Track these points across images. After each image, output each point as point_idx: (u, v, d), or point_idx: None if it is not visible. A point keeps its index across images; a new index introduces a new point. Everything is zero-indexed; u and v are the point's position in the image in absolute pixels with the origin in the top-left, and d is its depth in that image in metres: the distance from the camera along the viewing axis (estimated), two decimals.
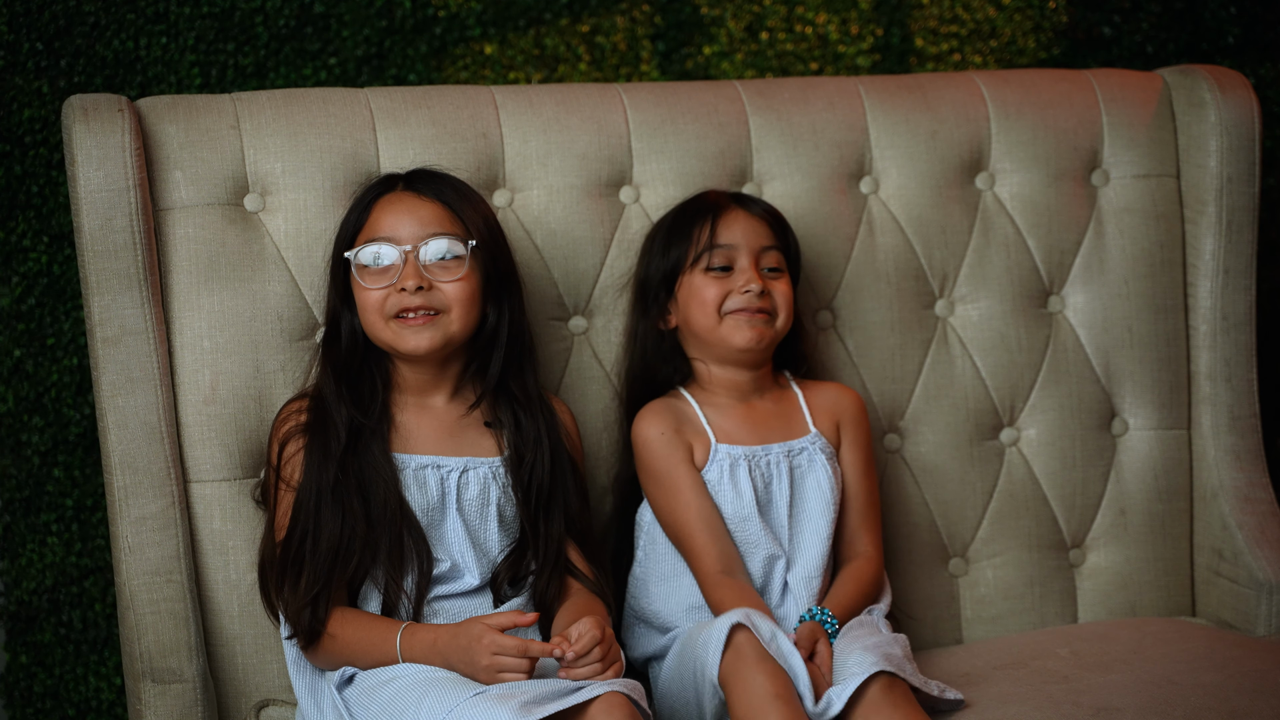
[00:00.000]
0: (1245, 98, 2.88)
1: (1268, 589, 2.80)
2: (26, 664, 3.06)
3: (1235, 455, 2.89)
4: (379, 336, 2.47)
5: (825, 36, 3.25)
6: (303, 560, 2.40)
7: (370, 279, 2.46)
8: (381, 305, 2.45)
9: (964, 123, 2.87)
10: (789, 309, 2.60)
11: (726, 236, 2.59)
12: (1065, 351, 2.88)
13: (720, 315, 2.57)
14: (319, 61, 3.07)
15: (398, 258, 2.45)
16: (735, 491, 2.56)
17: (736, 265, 2.58)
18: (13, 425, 3.01)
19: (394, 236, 2.45)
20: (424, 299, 2.44)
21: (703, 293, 2.58)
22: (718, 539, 2.54)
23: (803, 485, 2.59)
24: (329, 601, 2.39)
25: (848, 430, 2.64)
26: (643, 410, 2.61)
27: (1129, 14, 3.32)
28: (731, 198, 2.65)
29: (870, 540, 2.63)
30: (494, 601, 2.47)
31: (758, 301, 2.56)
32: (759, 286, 2.56)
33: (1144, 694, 2.44)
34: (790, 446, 2.60)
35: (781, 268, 2.60)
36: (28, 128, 2.96)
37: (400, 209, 2.47)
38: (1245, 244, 2.90)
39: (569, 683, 2.24)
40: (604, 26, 3.18)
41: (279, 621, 2.46)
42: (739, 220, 2.60)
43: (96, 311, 2.52)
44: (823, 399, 2.65)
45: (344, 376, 2.48)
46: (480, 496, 2.48)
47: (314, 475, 2.43)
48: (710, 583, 2.52)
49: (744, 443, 2.59)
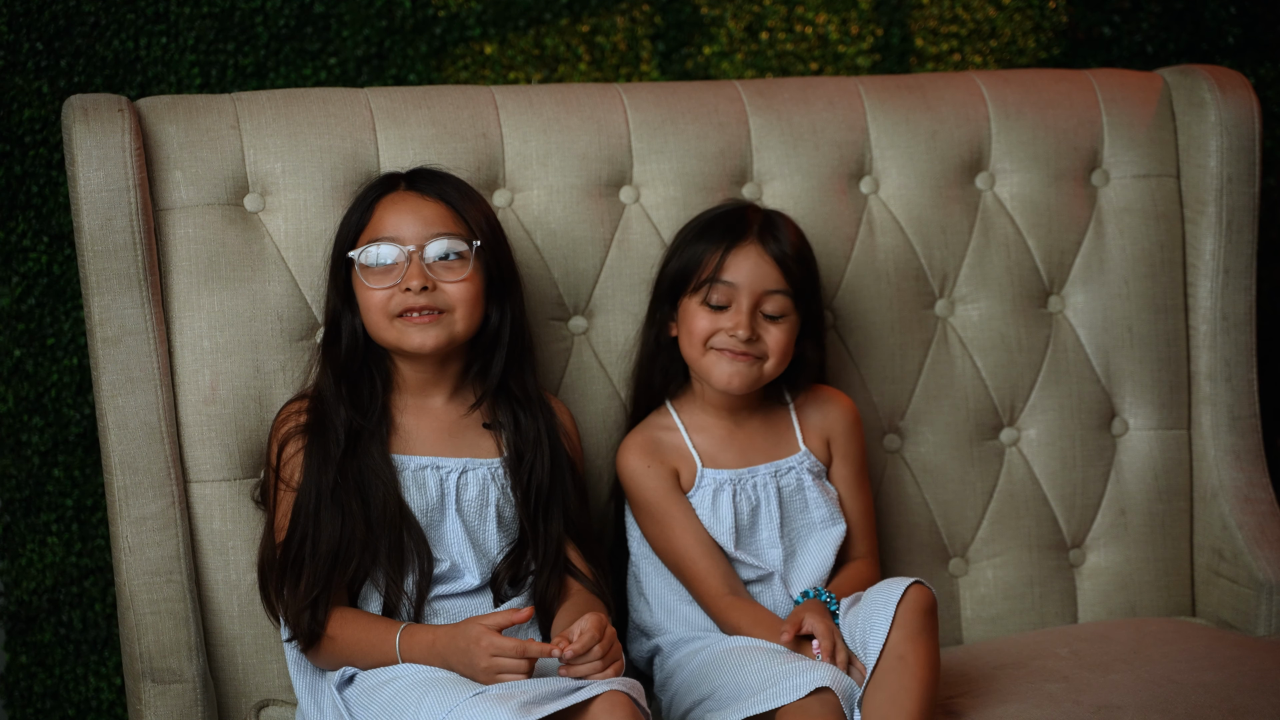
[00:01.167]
0: (1245, 98, 2.88)
1: (1268, 589, 2.80)
2: (26, 664, 3.06)
3: (1235, 455, 2.89)
4: (382, 336, 2.47)
5: (825, 36, 3.25)
6: (302, 563, 2.40)
7: (374, 279, 2.45)
8: (385, 305, 2.45)
9: (964, 123, 2.87)
10: (780, 356, 2.54)
11: (731, 274, 2.53)
12: (1065, 351, 2.88)
13: (705, 347, 2.54)
14: (319, 61, 3.07)
15: (401, 257, 2.44)
16: (715, 518, 2.55)
17: (734, 304, 2.52)
18: (13, 425, 3.01)
19: (397, 236, 2.45)
20: (428, 299, 2.44)
21: (693, 322, 2.54)
22: (718, 561, 2.53)
23: (793, 504, 2.58)
24: (328, 604, 2.39)
25: (838, 445, 2.62)
26: (624, 442, 2.60)
27: (1129, 14, 3.32)
28: (758, 226, 2.56)
29: (867, 548, 2.62)
30: (494, 601, 2.47)
31: (742, 347, 2.51)
32: (746, 334, 2.50)
33: (1144, 693, 2.44)
34: (778, 466, 2.59)
35: (784, 313, 2.53)
36: (28, 128, 2.96)
37: (403, 208, 2.47)
38: (1245, 244, 2.90)
39: (569, 682, 2.24)
40: (604, 26, 3.18)
41: (279, 623, 2.46)
42: (749, 259, 2.53)
43: (96, 311, 2.52)
44: (815, 414, 2.63)
45: (344, 377, 2.48)
46: (479, 497, 2.48)
47: (313, 477, 2.42)
48: (720, 605, 2.51)
49: (730, 465, 2.58)
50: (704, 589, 2.53)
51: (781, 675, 2.32)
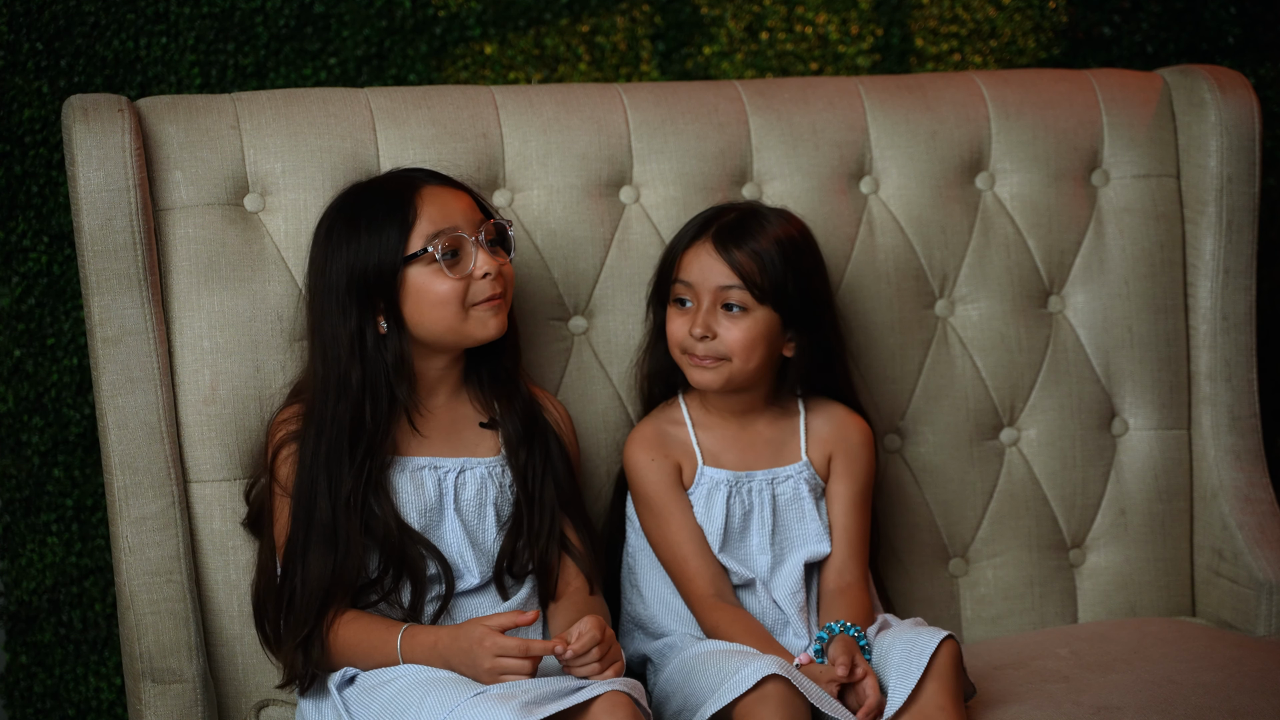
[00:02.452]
0: (1245, 98, 2.88)
1: (1268, 589, 2.80)
2: (26, 664, 3.06)
3: (1235, 455, 2.89)
4: (454, 328, 2.44)
5: (825, 36, 3.25)
6: (293, 602, 2.39)
7: (451, 270, 2.42)
8: (462, 296, 2.43)
9: (964, 123, 2.87)
10: (746, 351, 2.52)
11: (686, 273, 2.55)
12: (1065, 351, 2.88)
13: (681, 351, 2.55)
14: (319, 61, 3.07)
15: (469, 245, 2.43)
16: (707, 517, 2.56)
17: (694, 302, 2.54)
18: (13, 425, 3.01)
19: (457, 225, 2.43)
20: (500, 283, 2.45)
21: (669, 325, 2.57)
22: (709, 562, 2.54)
23: (787, 513, 2.58)
24: (323, 643, 2.39)
25: (840, 462, 2.61)
26: (632, 434, 2.61)
27: (1129, 14, 3.32)
28: (718, 225, 2.56)
29: (858, 573, 2.58)
30: (497, 594, 2.47)
31: (700, 349, 2.52)
32: (700, 331, 2.51)
33: (1144, 693, 2.44)
34: (775, 474, 2.59)
35: (746, 306, 2.51)
36: (28, 128, 2.96)
37: (447, 198, 2.45)
38: (1245, 244, 2.90)
39: (570, 682, 2.24)
40: (604, 26, 3.18)
41: (276, 653, 2.46)
42: (699, 258, 2.54)
43: (96, 311, 2.52)
44: (824, 425, 2.62)
45: (364, 402, 2.43)
46: (477, 496, 2.48)
47: (302, 517, 2.41)
48: (705, 606, 2.52)
49: (730, 467, 2.58)
50: (692, 588, 2.53)
51: (729, 671, 2.33)
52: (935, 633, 2.38)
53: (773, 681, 2.30)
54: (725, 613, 2.51)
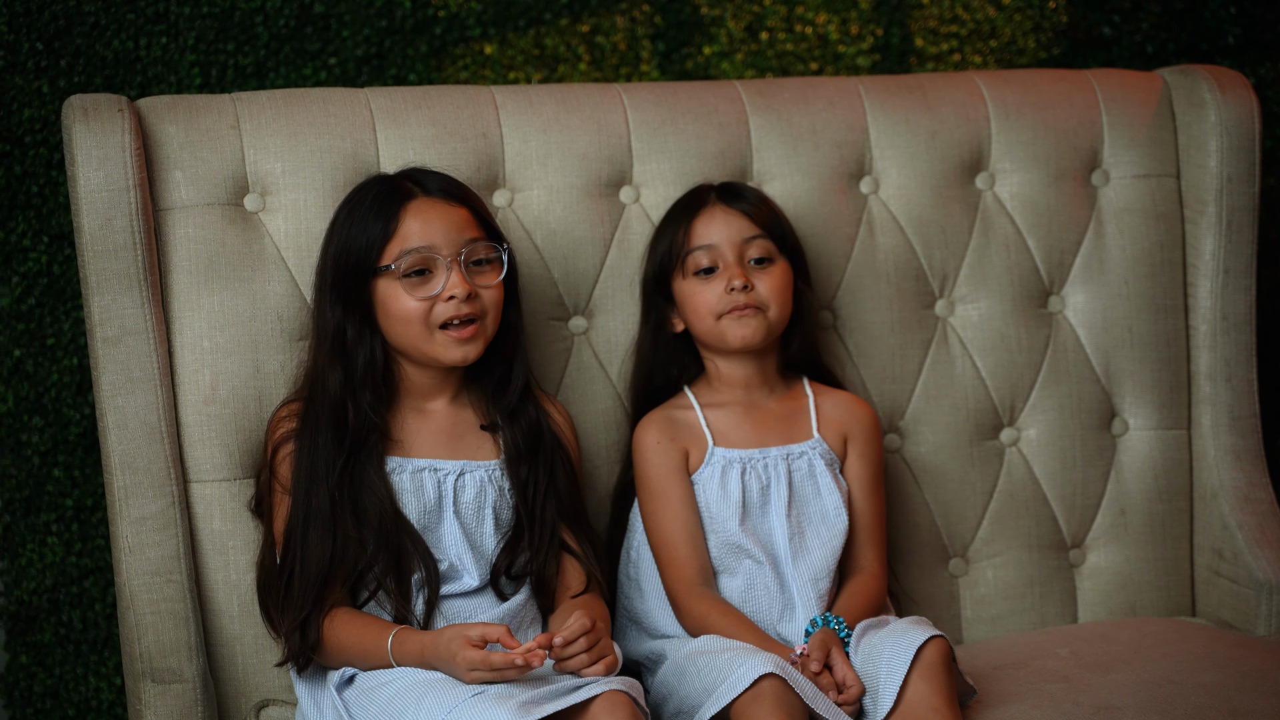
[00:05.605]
0: (1245, 98, 2.88)
1: (1268, 589, 2.80)
2: (26, 664, 3.06)
3: (1235, 455, 2.89)
4: (418, 347, 2.44)
5: (825, 36, 3.25)
6: (292, 584, 2.40)
7: (413, 289, 2.43)
8: (425, 316, 2.42)
9: (964, 123, 2.87)
10: (781, 299, 2.58)
11: (705, 236, 2.59)
12: (1065, 351, 2.88)
13: (716, 317, 2.57)
14: (319, 61, 3.07)
15: (443, 266, 2.42)
16: (723, 494, 2.56)
17: (721, 263, 2.57)
18: (13, 425, 3.01)
19: (434, 244, 2.42)
20: (471, 306, 2.43)
21: (694, 299, 2.59)
22: (698, 553, 2.55)
23: (803, 489, 2.59)
24: (319, 625, 2.39)
25: (856, 444, 2.63)
26: (644, 419, 2.62)
27: (1129, 14, 3.32)
28: (716, 192, 2.64)
29: (875, 557, 2.61)
30: (496, 598, 2.47)
31: (744, 298, 2.55)
32: (741, 282, 2.55)
33: (1144, 693, 2.44)
34: (790, 450, 2.60)
35: (771, 256, 2.59)
36: (28, 128, 2.96)
37: (432, 215, 2.44)
38: (1245, 244, 2.90)
39: (569, 681, 2.24)
40: (604, 26, 3.18)
41: (279, 637, 2.47)
42: (716, 217, 2.59)
43: (96, 311, 2.52)
44: (833, 408, 2.64)
45: (349, 396, 2.44)
46: (477, 499, 2.48)
47: (301, 499, 2.41)
48: (691, 594, 2.52)
49: (742, 445, 2.59)
50: (677, 573, 2.54)
51: (725, 672, 2.33)
52: (924, 630, 2.38)
53: (768, 680, 2.31)
54: (715, 604, 2.51)
